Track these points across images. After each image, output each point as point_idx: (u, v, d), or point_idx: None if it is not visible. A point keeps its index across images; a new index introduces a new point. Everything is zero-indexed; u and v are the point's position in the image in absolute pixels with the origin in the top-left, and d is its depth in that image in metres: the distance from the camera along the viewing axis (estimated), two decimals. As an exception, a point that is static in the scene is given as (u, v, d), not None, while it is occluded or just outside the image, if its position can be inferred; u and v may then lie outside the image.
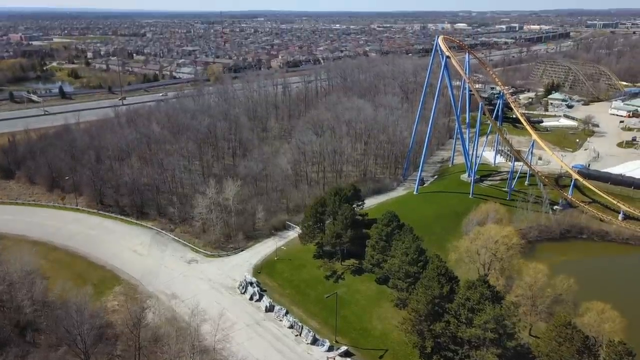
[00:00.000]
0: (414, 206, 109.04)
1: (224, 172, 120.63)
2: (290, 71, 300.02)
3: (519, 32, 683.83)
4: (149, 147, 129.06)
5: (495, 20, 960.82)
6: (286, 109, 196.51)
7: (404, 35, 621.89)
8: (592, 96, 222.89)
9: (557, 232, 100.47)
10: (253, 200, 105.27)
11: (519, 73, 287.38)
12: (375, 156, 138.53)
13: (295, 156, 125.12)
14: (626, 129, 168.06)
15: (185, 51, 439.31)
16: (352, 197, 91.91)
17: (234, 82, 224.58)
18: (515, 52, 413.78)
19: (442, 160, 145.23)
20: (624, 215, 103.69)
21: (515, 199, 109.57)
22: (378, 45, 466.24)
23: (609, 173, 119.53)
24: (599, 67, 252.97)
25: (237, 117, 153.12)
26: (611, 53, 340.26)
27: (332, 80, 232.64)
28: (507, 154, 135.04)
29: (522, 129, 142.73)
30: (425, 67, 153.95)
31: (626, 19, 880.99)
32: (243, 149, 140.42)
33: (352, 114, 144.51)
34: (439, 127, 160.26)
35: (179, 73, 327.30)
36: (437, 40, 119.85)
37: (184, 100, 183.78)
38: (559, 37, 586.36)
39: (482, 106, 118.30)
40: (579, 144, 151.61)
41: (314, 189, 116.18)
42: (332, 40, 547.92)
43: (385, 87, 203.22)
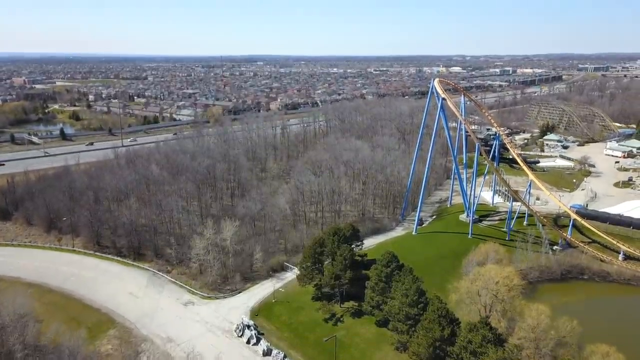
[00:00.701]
0: (413, 246, 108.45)
1: (222, 213, 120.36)
2: (289, 113, 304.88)
3: (513, 75, 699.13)
4: (148, 188, 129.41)
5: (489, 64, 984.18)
6: (285, 150, 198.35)
7: (400, 78, 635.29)
8: (586, 137, 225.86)
9: (558, 272, 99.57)
10: (251, 240, 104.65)
11: (514, 115, 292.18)
12: (373, 196, 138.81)
13: (293, 196, 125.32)
14: (622, 169, 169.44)
15: (186, 94, 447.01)
16: (350, 237, 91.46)
17: (234, 124, 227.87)
18: (509, 94, 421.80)
19: (441, 200, 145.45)
20: (624, 256, 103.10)
21: (514, 239, 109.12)
22: (375, 88, 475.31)
23: (608, 213, 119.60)
24: (593, 109, 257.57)
25: (236, 158, 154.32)
26: (603, 95, 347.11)
27: (330, 122, 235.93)
28: (505, 194, 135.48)
29: (519, 169, 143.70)
30: (421, 109, 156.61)
31: (616, 63, 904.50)
32: (242, 190, 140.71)
33: (350, 155, 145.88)
34: (437, 167, 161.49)
35: (179, 115, 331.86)
36: (433, 83, 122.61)
37: (184, 141, 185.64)
38: (552, 80, 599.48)
39: (479, 147, 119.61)
40: (576, 184, 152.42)
41: (313, 229, 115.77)
42: (329, 83, 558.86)
43: (382, 128, 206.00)
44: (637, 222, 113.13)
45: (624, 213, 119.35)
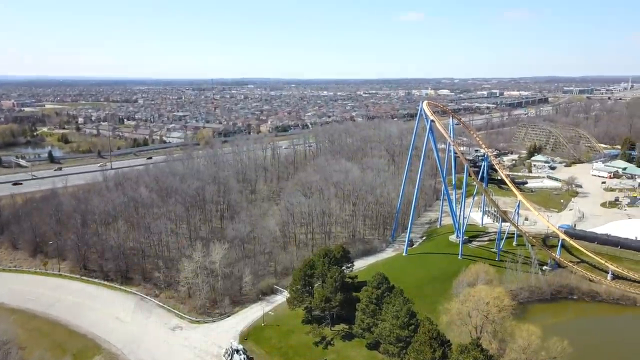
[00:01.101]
0: (404, 268, 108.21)
1: (212, 235, 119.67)
2: (279, 135, 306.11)
3: (500, 97, 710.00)
4: (137, 211, 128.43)
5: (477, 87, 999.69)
6: (275, 171, 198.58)
7: (389, 101, 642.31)
8: (573, 158, 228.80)
9: (548, 292, 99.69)
10: (240, 263, 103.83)
11: (501, 136, 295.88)
12: (363, 217, 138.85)
13: (283, 218, 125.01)
14: (608, 190, 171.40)
15: (176, 116, 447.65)
16: (341, 259, 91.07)
17: (224, 146, 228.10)
18: (497, 116, 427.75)
19: (430, 221, 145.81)
20: (612, 275, 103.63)
21: (504, 260, 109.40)
22: (364, 111, 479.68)
23: (595, 233, 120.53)
24: (578, 131, 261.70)
25: (226, 180, 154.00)
26: (589, 117, 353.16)
27: (320, 144, 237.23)
28: (494, 215, 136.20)
29: (507, 190, 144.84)
30: (410, 131, 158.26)
31: (600, 85, 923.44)
32: (231, 212, 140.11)
33: (340, 176, 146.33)
34: (426, 188, 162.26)
35: (169, 137, 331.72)
36: (422, 105, 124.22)
37: (174, 164, 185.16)
38: (538, 102, 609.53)
39: (468, 168, 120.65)
40: (564, 205, 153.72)
41: (303, 250, 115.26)
42: (319, 106, 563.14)
43: (372, 150, 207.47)
44: (624, 242, 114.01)
45: (611, 233, 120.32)
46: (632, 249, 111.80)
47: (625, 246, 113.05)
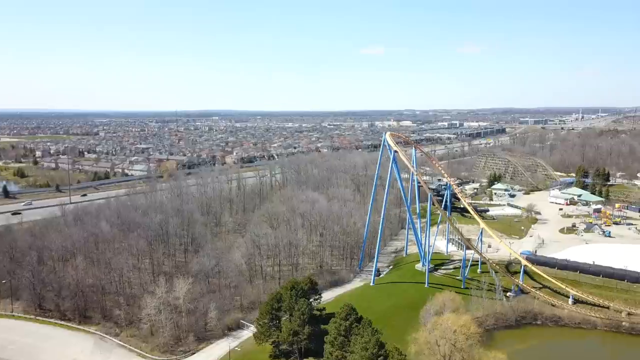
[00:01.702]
0: (372, 298, 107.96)
1: (175, 270, 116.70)
2: (244, 167, 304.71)
3: (460, 128, 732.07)
4: (97, 246, 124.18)
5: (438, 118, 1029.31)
6: (240, 203, 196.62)
7: (353, 132, 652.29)
8: (531, 186, 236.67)
9: (513, 319, 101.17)
10: (205, 298, 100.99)
11: (463, 165, 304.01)
12: (331, 247, 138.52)
13: (249, 250, 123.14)
14: (565, 216, 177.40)
15: (139, 149, 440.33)
16: (309, 291, 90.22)
17: (188, 178, 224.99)
18: (457, 146, 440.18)
19: (397, 250, 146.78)
20: (573, 300, 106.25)
21: (469, 287, 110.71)
22: (329, 142, 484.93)
23: (555, 259, 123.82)
24: (535, 159, 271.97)
25: (190, 213, 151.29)
26: (544, 146, 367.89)
27: (286, 175, 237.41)
28: (458, 243, 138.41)
29: (470, 218, 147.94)
30: (374, 161, 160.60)
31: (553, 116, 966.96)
32: (196, 245, 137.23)
33: (306, 207, 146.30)
34: (391, 217, 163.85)
35: (132, 170, 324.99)
36: (385, 136, 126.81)
37: (136, 197, 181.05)
38: (497, 132, 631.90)
39: (431, 197, 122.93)
40: (525, 231, 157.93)
41: (270, 283, 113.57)
42: (285, 137, 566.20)
43: (337, 180, 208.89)
44: (583, 267, 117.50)
45: (570, 258, 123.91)
46: (590, 274, 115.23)
47: (583, 271, 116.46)
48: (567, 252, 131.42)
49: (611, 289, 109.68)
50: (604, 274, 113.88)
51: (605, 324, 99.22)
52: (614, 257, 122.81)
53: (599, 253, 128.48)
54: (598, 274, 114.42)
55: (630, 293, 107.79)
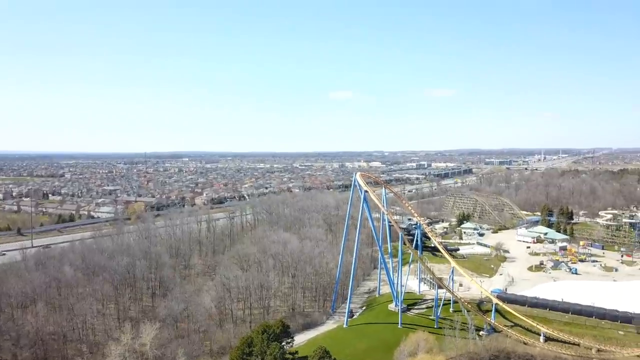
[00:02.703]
0: (345, 340, 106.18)
1: (142, 315, 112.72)
2: (215, 208, 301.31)
3: (428, 169, 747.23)
4: (59, 292, 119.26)
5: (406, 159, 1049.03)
6: (210, 244, 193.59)
7: (324, 172, 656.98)
8: (499, 225, 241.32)
9: (486, 358, 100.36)
10: (173, 344, 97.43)
11: (432, 205, 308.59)
12: (303, 289, 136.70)
13: (219, 293, 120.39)
14: (533, 254, 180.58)
15: (106, 191, 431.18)
16: (281, 335, 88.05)
17: (156, 220, 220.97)
18: (426, 186, 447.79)
19: (369, 291, 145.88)
20: (544, 337, 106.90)
21: (442, 327, 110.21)
22: (301, 182, 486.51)
23: (525, 296, 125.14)
24: (502, 199, 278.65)
25: (158, 256, 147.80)
26: (510, 186, 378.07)
27: (257, 215, 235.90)
28: (430, 282, 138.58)
29: (441, 257, 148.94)
30: (346, 201, 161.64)
31: (517, 157, 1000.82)
32: (164, 289, 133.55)
33: (278, 247, 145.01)
34: (364, 257, 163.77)
35: (98, 212, 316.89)
36: (356, 177, 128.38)
37: (102, 240, 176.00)
38: (464, 172, 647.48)
39: (402, 236, 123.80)
40: (494, 269, 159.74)
41: (240, 327, 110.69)
42: (256, 177, 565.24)
43: (309, 220, 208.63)
44: (552, 304, 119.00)
45: (539, 295, 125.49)
46: (559, 311, 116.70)
47: (553, 308, 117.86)
48: (537, 290, 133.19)
49: (580, 326, 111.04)
50: (573, 311, 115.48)
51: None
52: (582, 294, 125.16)
53: (567, 290, 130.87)
54: (567, 311, 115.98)
55: (599, 329, 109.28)
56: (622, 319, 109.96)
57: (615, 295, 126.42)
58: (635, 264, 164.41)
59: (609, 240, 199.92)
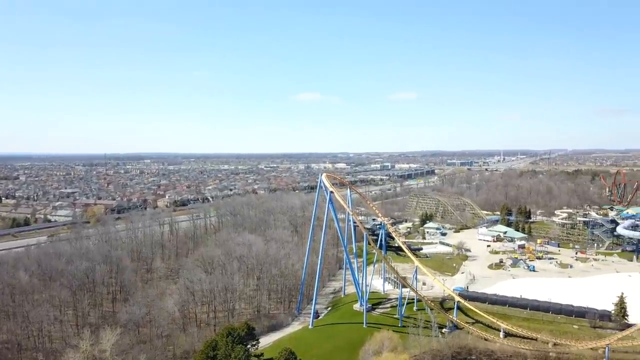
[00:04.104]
0: (311, 341, 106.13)
1: (102, 321, 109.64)
2: (178, 210, 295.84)
3: (392, 170, 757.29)
4: (13, 299, 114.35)
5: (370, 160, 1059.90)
6: (173, 247, 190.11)
7: (290, 174, 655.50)
8: (460, 224, 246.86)
9: (449, 355, 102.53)
10: (135, 349, 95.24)
11: (395, 205, 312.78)
12: (268, 291, 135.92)
13: (183, 297, 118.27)
14: (493, 252, 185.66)
15: (63, 193, 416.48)
16: (246, 337, 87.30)
17: (117, 223, 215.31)
18: (390, 187, 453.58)
19: (335, 291, 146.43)
20: (504, 333, 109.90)
21: (406, 325, 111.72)
22: (266, 184, 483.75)
23: (486, 294, 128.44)
24: (463, 199, 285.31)
25: (119, 260, 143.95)
26: (471, 187, 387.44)
27: (221, 217, 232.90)
28: (394, 281, 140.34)
29: (405, 256, 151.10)
30: (311, 202, 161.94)
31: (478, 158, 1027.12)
32: (125, 293, 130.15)
33: (243, 250, 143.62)
34: (329, 258, 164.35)
35: (55, 216, 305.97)
36: (321, 178, 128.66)
37: (59, 244, 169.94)
38: (426, 173, 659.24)
39: (367, 236, 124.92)
40: (456, 268, 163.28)
41: (205, 331, 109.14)
42: (220, 179, 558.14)
43: (275, 221, 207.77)
44: (511, 301, 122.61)
45: (499, 292, 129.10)
46: (518, 307, 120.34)
47: (512, 304, 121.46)
48: (497, 287, 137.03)
49: (538, 321, 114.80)
50: (531, 307, 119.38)
51: (534, 355, 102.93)
52: (539, 290, 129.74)
53: (525, 287, 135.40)
54: (525, 307, 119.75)
55: (555, 324, 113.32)
56: (576, 313, 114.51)
57: (570, 291, 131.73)
58: (588, 260, 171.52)
59: (564, 238, 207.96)
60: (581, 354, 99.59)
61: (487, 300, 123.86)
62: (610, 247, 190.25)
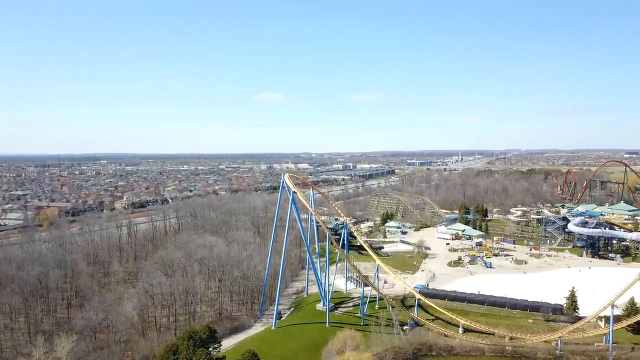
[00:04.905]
0: (274, 342, 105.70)
1: (57, 328, 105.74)
2: (136, 212, 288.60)
3: (354, 170, 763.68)
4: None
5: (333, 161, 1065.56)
6: (132, 251, 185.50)
7: (252, 174, 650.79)
8: (421, 223, 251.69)
9: (410, 352, 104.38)
10: (91, 357, 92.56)
11: (358, 205, 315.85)
12: (230, 293, 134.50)
13: (142, 301, 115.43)
14: (452, 250, 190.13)
15: (14, 196, 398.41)
16: (208, 340, 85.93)
17: (72, 226, 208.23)
18: (352, 187, 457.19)
19: (298, 292, 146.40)
20: (463, 329, 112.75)
21: (369, 324, 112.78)
22: (228, 184, 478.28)
23: (445, 291, 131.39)
24: (423, 198, 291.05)
25: (74, 264, 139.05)
26: (430, 186, 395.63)
27: (181, 219, 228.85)
28: (357, 281, 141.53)
29: (367, 255, 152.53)
30: (274, 203, 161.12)
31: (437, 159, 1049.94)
32: (81, 299, 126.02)
33: (204, 252, 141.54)
34: (292, 258, 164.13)
35: (5, 220, 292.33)
36: (284, 178, 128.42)
37: (10, 249, 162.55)
38: (387, 174, 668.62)
39: (330, 236, 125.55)
40: (417, 266, 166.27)
41: (165, 335, 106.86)
42: (180, 180, 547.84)
43: (237, 223, 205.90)
44: (470, 297, 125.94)
45: (458, 289, 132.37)
46: (477, 303, 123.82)
47: (470, 301, 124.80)
48: (456, 284, 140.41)
49: (495, 317, 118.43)
50: (488, 303, 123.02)
51: (492, 349, 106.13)
52: (496, 287, 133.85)
53: (483, 283, 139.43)
54: (483, 303, 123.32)
55: (511, 319, 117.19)
56: (531, 308, 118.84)
57: (525, 286, 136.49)
58: (542, 257, 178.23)
59: (519, 236, 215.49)
60: (536, 347, 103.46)
61: (447, 298, 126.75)
62: (562, 244, 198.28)
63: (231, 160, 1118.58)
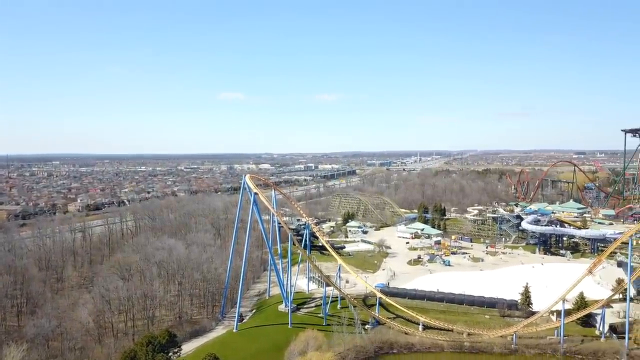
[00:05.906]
0: (235, 345, 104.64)
1: (6, 336, 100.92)
2: (91, 214, 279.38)
3: (315, 170, 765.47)
4: None
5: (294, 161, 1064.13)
6: (87, 254, 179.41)
7: (212, 175, 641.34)
8: (381, 222, 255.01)
9: (372, 350, 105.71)
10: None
11: (319, 205, 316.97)
12: (190, 296, 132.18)
13: (98, 306, 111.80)
14: (412, 249, 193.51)
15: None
16: (167, 345, 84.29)
17: (22, 230, 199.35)
18: (313, 187, 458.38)
19: (259, 293, 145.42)
20: (423, 326, 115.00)
21: (331, 324, 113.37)
22: (187, 185, 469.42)
23: (405, 289, 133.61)
24: (383, 198, 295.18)
25: (24, 269, 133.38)
26: (390, 186, 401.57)
27: (139, 221, 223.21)
28: (318, 281, 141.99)
29: (328, 255, 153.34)
30: (235, 204, 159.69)
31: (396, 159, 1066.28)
32: (32, 305, 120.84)
33: (163, 255, 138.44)
34: (253, 260, 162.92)
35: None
36: (245, 179, 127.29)
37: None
38: (348, 174, 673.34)
39: (291, 237, 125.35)
40: (378, 265, 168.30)
41: (122, 341, 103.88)
42: (137, 181, 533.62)
43: (196, 225, 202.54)
44: (429, 295, 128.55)
45: (418, 287, 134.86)
46: (436, 300, 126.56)
47: (430, 298, 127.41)
48: (416, 282, 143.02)
49: (454, 313, 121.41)
50: (447, 300, 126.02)
51: (451, 345, 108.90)
52: (454, 284, 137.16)
53: (442, 281, 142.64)
54: (442, 300, 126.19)
55: (469, 315, 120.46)
56: (488, 304, 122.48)
57: (482, 283, 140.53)
58: (497, 254, 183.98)
59: (476, 234, 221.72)
60: (492, 342, 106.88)
61: (407, 295, 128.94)
62: (517, 241, 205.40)
63: (190, 160, 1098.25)
